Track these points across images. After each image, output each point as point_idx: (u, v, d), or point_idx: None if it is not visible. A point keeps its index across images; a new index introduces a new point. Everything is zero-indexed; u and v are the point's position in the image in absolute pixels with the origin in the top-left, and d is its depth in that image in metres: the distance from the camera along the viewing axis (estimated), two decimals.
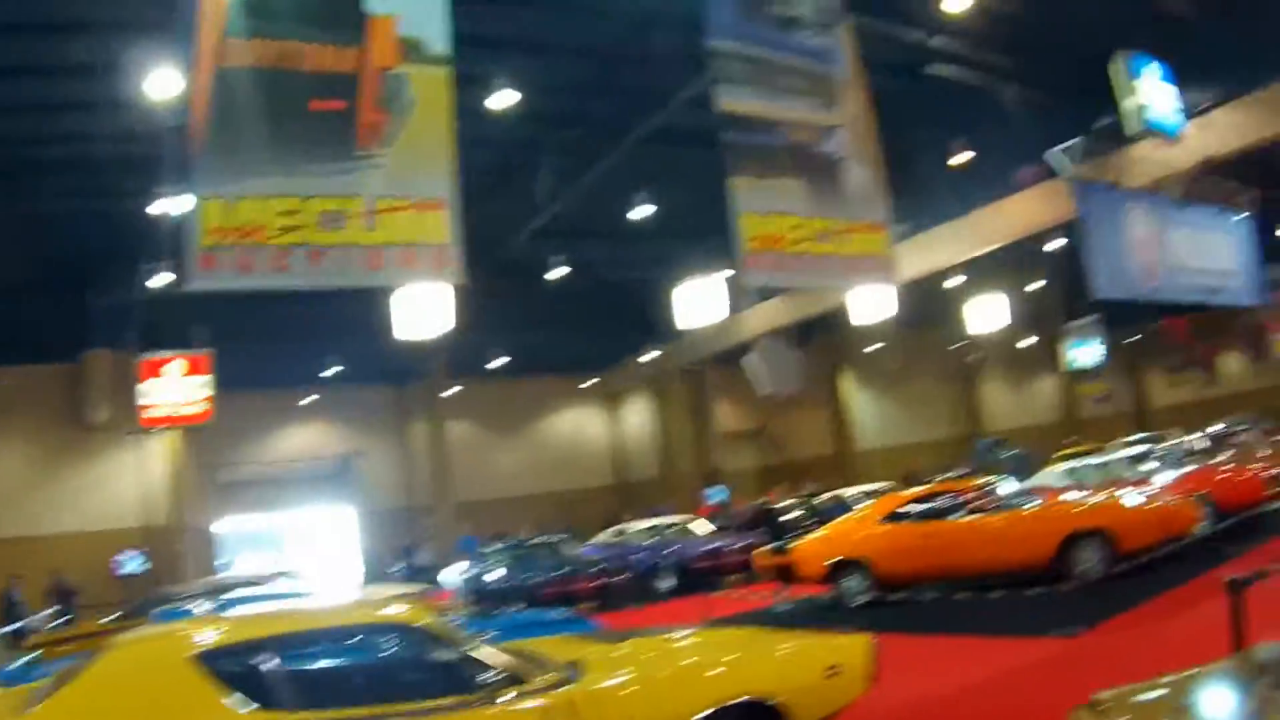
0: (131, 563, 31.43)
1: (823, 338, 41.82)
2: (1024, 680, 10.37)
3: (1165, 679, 4.67)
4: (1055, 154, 19.93)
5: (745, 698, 6.75)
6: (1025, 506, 16.45)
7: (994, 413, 55.48)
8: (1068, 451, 29.46)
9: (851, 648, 7.71)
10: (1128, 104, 19.49)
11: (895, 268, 13.93)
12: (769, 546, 19.39)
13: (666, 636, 8.44)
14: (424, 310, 11.88)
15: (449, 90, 10.75)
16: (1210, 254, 23.47)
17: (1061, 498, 17.54)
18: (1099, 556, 15.08)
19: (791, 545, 18.13)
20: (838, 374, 48.41)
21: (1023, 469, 28.37)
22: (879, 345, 44.48)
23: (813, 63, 13.12)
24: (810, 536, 18.43)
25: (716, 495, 38.75)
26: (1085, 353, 39.73)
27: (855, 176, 13.24)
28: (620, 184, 26.03)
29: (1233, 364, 61.25)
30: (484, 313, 28.42)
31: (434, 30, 10.67)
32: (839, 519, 19.38)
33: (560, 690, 6.32)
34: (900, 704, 9.26)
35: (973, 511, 16.41)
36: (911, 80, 21.34)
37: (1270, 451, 23.37)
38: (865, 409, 49.87)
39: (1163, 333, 55.48)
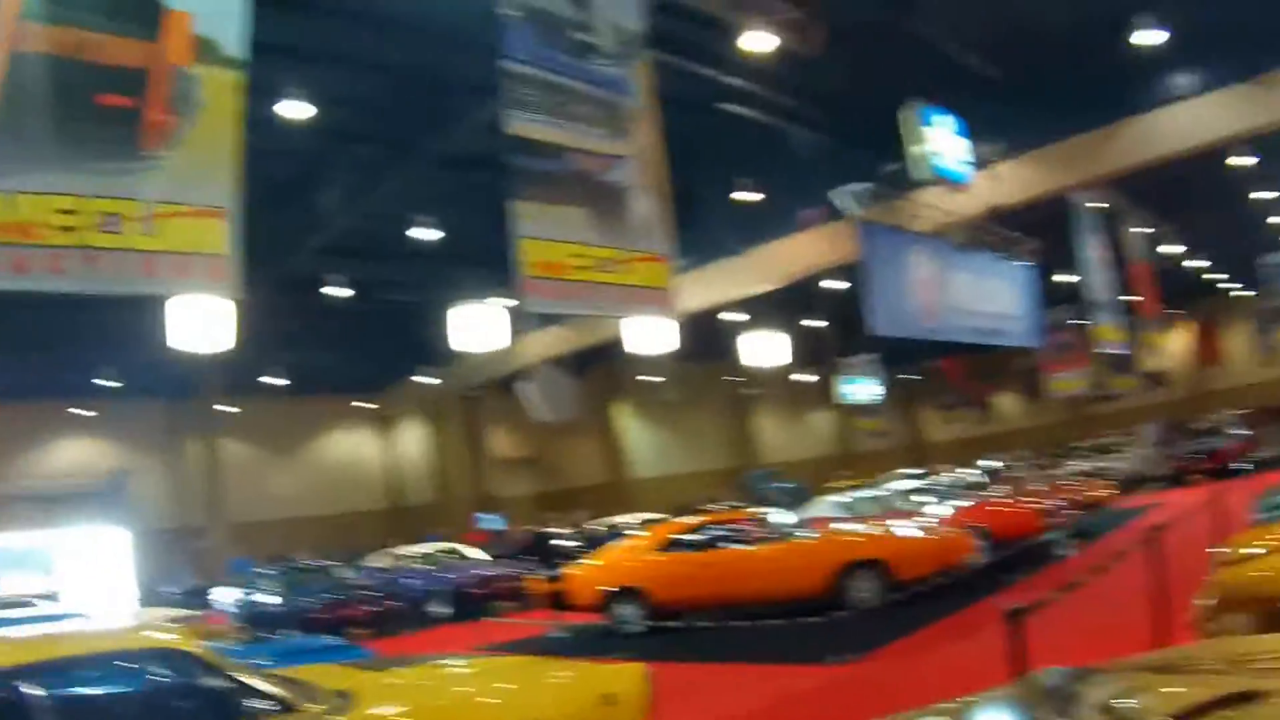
0: None
1: (600, 367, 41.92)
2: (800, 707, 10.57)
3: (947, 704, 4.82)
4: (842, 194, 20.57)
5: None
6: (802, 537, 16.87)
7: (770, 445, 57.03)
8: (837, 484, 30.38)
9: (626, 676, 7.65)
10: (916, 151, 20.25)
11: (674, 300, 14.11)
12: (543, 574, 19.42)
13: (440, 664, 8.30)
14: (201, 323, 11.46)
15: (239, 95, 10.36)
16: (990, 298, 24.72)
17: (839, 528, 18.07)
18: (875, 586, 15.61)
19: (566, 572, 18.16)
20: (614, 403, 48.92)
21: (794, 501, 29.05)
22: (657, 376, 45.00)
23: (606, 92, 13.18)
24: (584, 563, 18.54)
25: (490, 522, 38.54)
26: (861, 389, 41.07)
27: (641, 208, 13.35)
28: (407, 204, 25.79)
29: (1007, 403, 64.34)
30: (263, 329, 27.76)
31: (230, 32, 10.28)
32: (613, 546, 19.47)
33: None
34: None
35: (749, 541, 16.73)
36: (704, 116, 21.73)
37: (1043, 486, 24.68)
38: (641, 438, 50.46)
39: (939, 372, 57.86)
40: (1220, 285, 55.39)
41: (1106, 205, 29.13)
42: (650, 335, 27.23)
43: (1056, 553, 19.49)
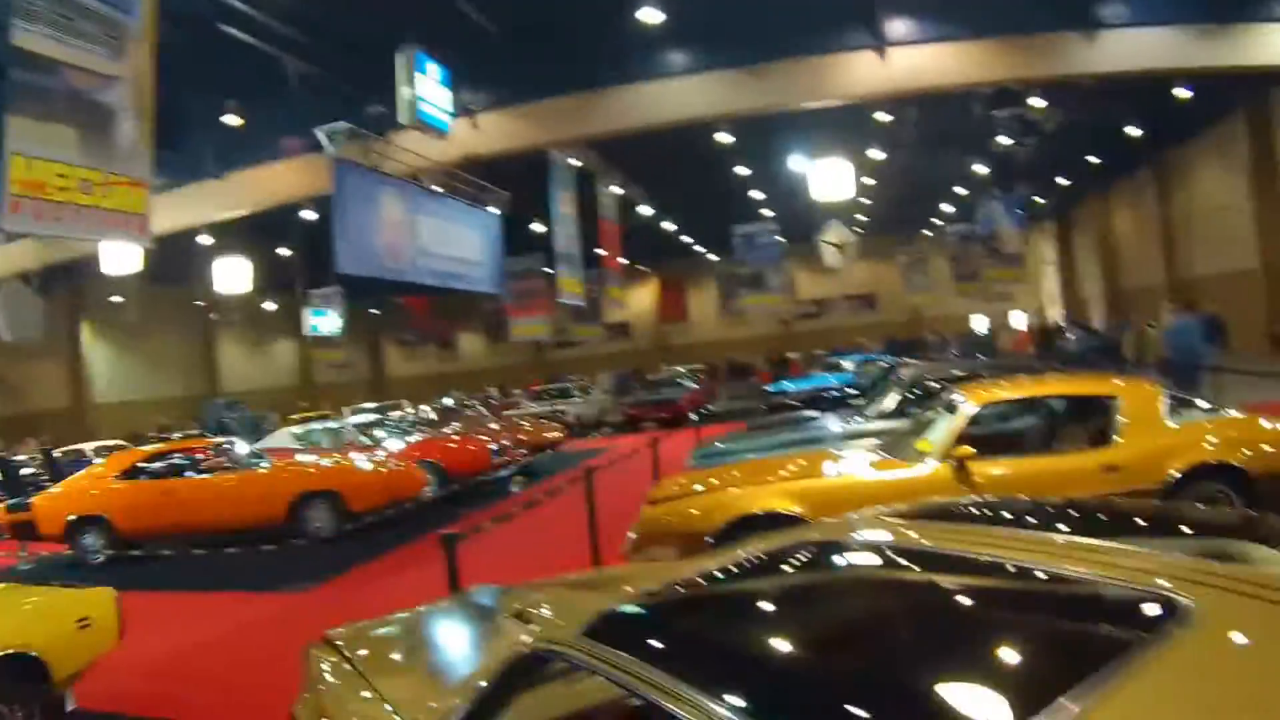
0: None
1: (66, 285, 40.35)
2: (261, 631, 11.21)
3: (393, 615, 5.81)
4: (323, 131, 20.86)
5: (7, 650, 7.01)
6: (259, 467, 17.52)
7: (235, 373, 56.67)
8: (300, 415, 30.89)
9: (98, 600, 8.15)
10: (404, 96, 20.79)
11: (149, 227, 14.30)
12: (7, 502, 18.89)
13: None
14: None
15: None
16: (455, 243, 25.72)
17: (295, 460, 18.76)
18: (330, 516, 16.56)
19: (31, 502, 17.84)
20: (79, 324, 46.75)
21: (254, 431, 29.29)
22: (124, 298, 43.64)
23: (110, 9, 13.16)
24: (49, 492, 18.28)
25: None
26: (325, 321, 41.45)
27: (127, 131, 13.39)
28: None
29: (472, 342, 66.45)
30: None
31: None
32: (77, 475, 19.14)
33: None
34: (145, 658, 9.75)
35: (209, 470, 17.28)
36: (199, 31, 21.49)
37: (497, 426, 26.15)
38: (105, 362, 48.70)
39: (404, 308, 59.00)
40: (694, 249, 59.69)
41: (583, 164, 31.14)
42: (121, 255, 27.03)
43: (509, 489, 20.96)
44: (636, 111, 27.58)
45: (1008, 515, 3.74)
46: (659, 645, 3.00)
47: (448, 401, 39.61)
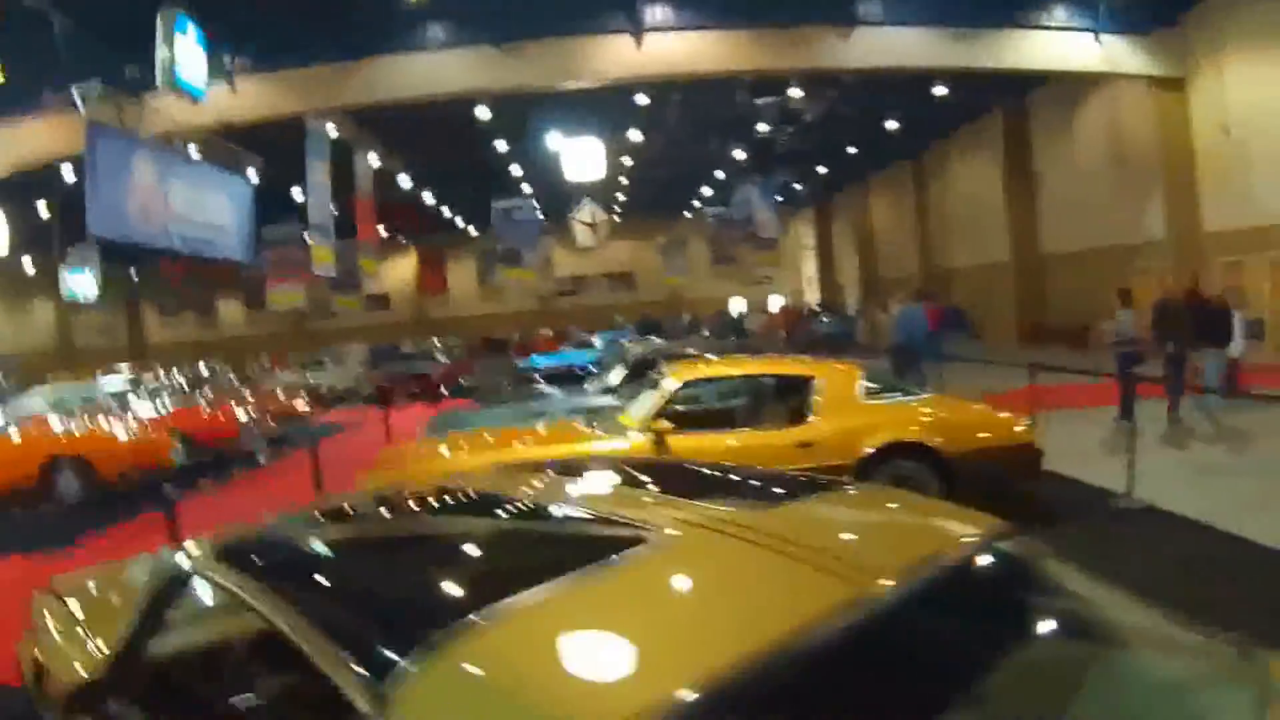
0: None
1: None
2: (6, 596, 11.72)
3: (111, 564, 6.57)
4: (77, 90, 20.95)
5: None
6: (8, 432, 18.00)
7: None
8: (55, 381, 30.79)
9: None
10: (162, 58, 20.73)
11: None
12: None
13: None
14: None
15: None
16: (206, 209, 25.98)
17: (43, 425, 19.17)
18: (79, 481, 17.05)
19: None
20: None
21: (5, 395, 29.12)
22: None
23: None
24: None
25: None
26: (82, 280, 40.97)
27: None
28: None
29: (232, 310, 65.75)
30: None
31: None
32: None
33: None
34: None
35: None
36: None
37: (245, 395, 26.67)
38: None
39: (161, 273, 58.23)
40: (456, 223, 60.16)
41: (339, 134, 31.50)
42: None
43: (256, 458, 21.55)
44: (394, 82, 28.12)
45: (618, 474, 4.44)
46: (268, 565, 3.51)
47: (203, 370, 39.56)
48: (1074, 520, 10.31)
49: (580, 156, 35.24)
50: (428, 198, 50.65)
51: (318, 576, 3.46)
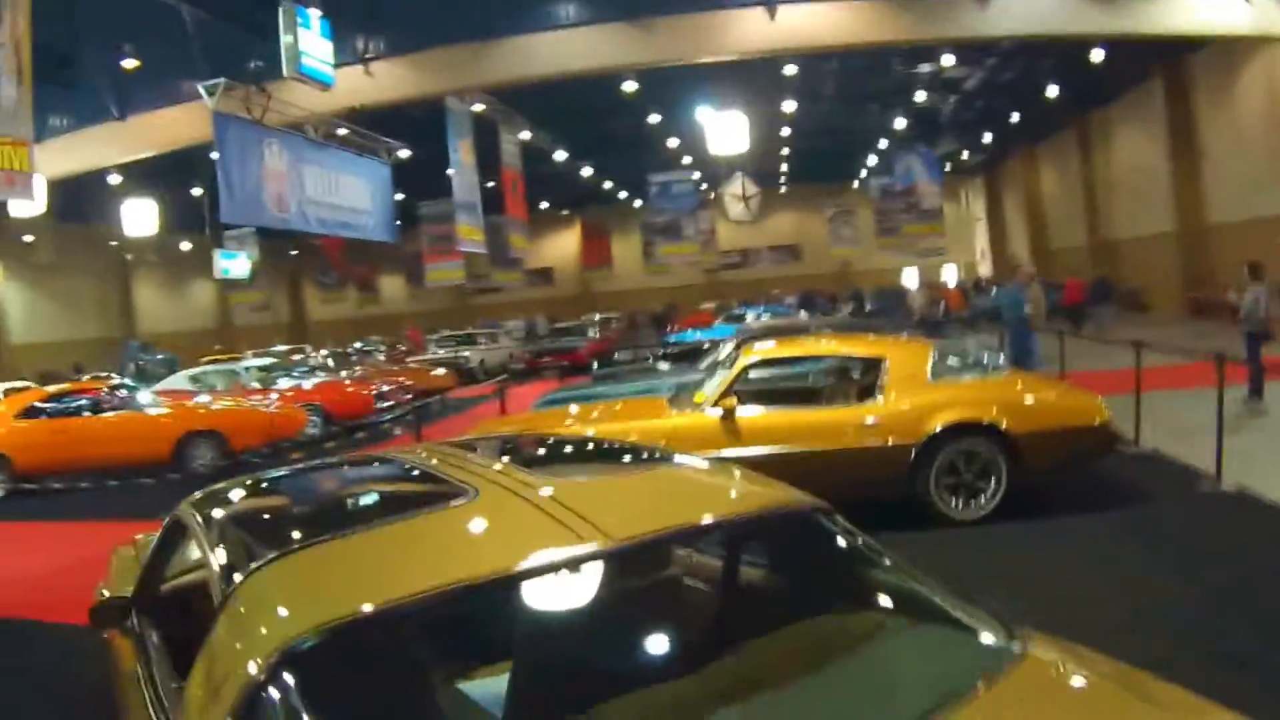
0: None
1: None
2: None
3: None
4: (203, 86, 21.84)
5: None
6: (149, 408, 19.48)
7: (151, 314, 57.92)
8: (211, 358, 32.37)
9: None
10: (287, 47, 21.65)
11: (34, 182, 15.94)
12: None
13: None
14: None
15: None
16: (344, 192, 27.12)
17: (182, 401, 20.73)
18: (211, 454, 18.42)
19: None
20: None
21: (168, 372, 30.65)
22: (34, 238, 45.10)
23: None
24: None
25: None
26: (235, 264, 42.56)
27: (7, 93, 15.10)
28: None
29: (394, 286, 67.30)
30: None
31: None
32: None
33: None
34: (23, 575, 11.44)
35: (102, 410, 19.13)
36: None
37: (396, 369, 27.70)
38: (21, 303, 50.14)
39: (322, 250, 59.92)
40: (618, 196, 61.11)
41: (482, 110, 32.64)
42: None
43: (392, 432, 22.38)
44: (529, 61, 29.06)
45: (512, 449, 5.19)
46: (206, 512, 4.30)
47: (356, 345, 40.93)
48: (1149, 501, 10.50)
49: (725, 130, 35.35)
50: (586, 171, 51.40)
51: (226, 516, 4.35)
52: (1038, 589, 7.52)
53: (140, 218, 39.02)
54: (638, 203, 60.78)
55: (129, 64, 27.51)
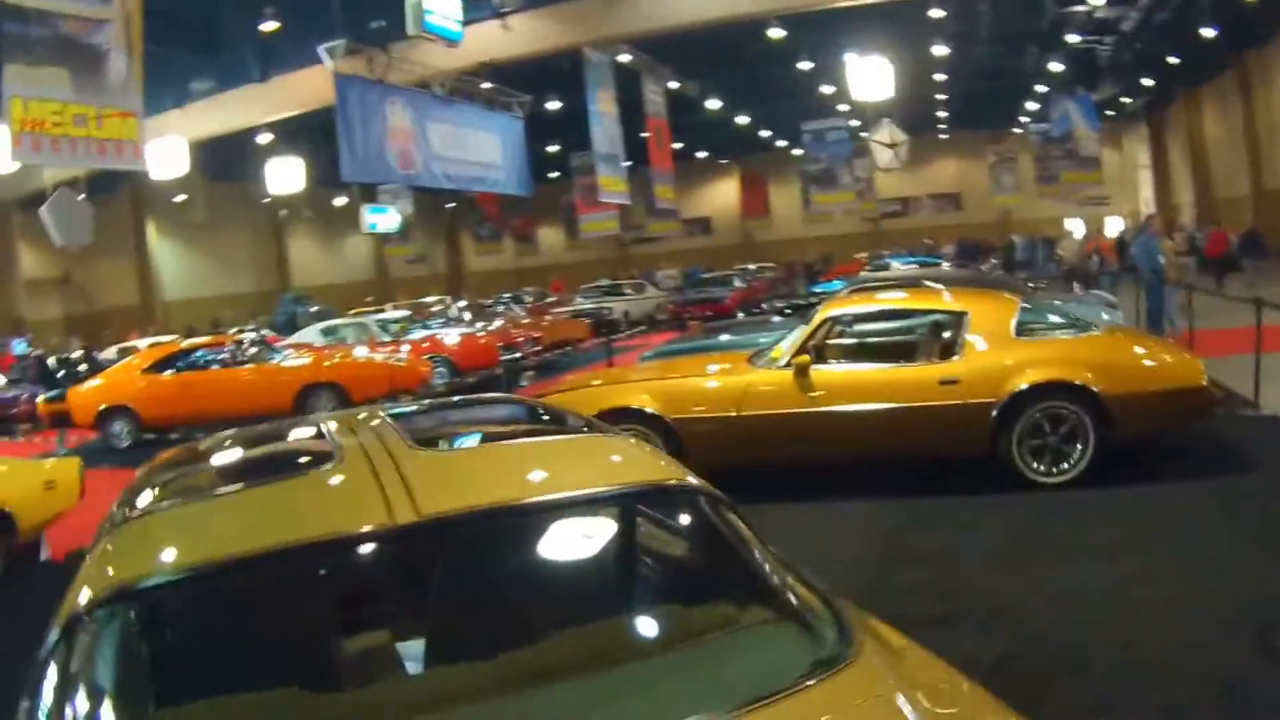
0: None
1: (129, 188, 42.77)
2: None
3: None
4: (323, 48, 22.56)
5: None
6: (272, 360, 20.15)
7: (305, 269, 59.28)
8: (356, 311, 33.15)
9: (64, 468, 10.72)
10: (412, 7, 21.83)
11: (143, 151, 16.83)
12: (48, 394, 21.58)
13: None
14: None
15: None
16: (473, 147, 27.58)
17: (305, 353, 21.44)
18: (333, 405, 18.71)
19: (68, 393, 20.57)
20: (144, 223, 49.87)
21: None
22: (190, 196, 46.37)
23: None
24: (85, 385, 21.01)
25: (19, 346, 38.73)
26: (384, 219, 43.22)
27: (118, 67, 15.92)
28: None
29: (551, 237, 67.81)
30: None
31: None
32: (110, 369, 22.13)
33: None
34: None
35: (227, 364, 19.88)
36: None
37: (529, 321, 28.06)
38: (173, 260, 51.83)
39: (475, 204, 60.64)
40: (777, 144, 60.53)
41: (627, 60, 32.56)
42: (165, 159, 29.65)
43: (515, 383, 22.46)
44: (665, 10, 29.10)
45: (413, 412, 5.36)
46: (137, 477, 4.53)
47: (505, 296, 41.40)
48: (1255, 470, 9.94)
49: (869, 75, 34.80)
50: (742, 119, 51.24)
51: (137, 480, 4.47)
52: (1116, 565, 7.35)
53: (285, 175, 39.78)
54: (797, 151, 58.67)
55: (267, 27, 27.99)
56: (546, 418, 5.20)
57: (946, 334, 10.80)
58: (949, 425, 9.87)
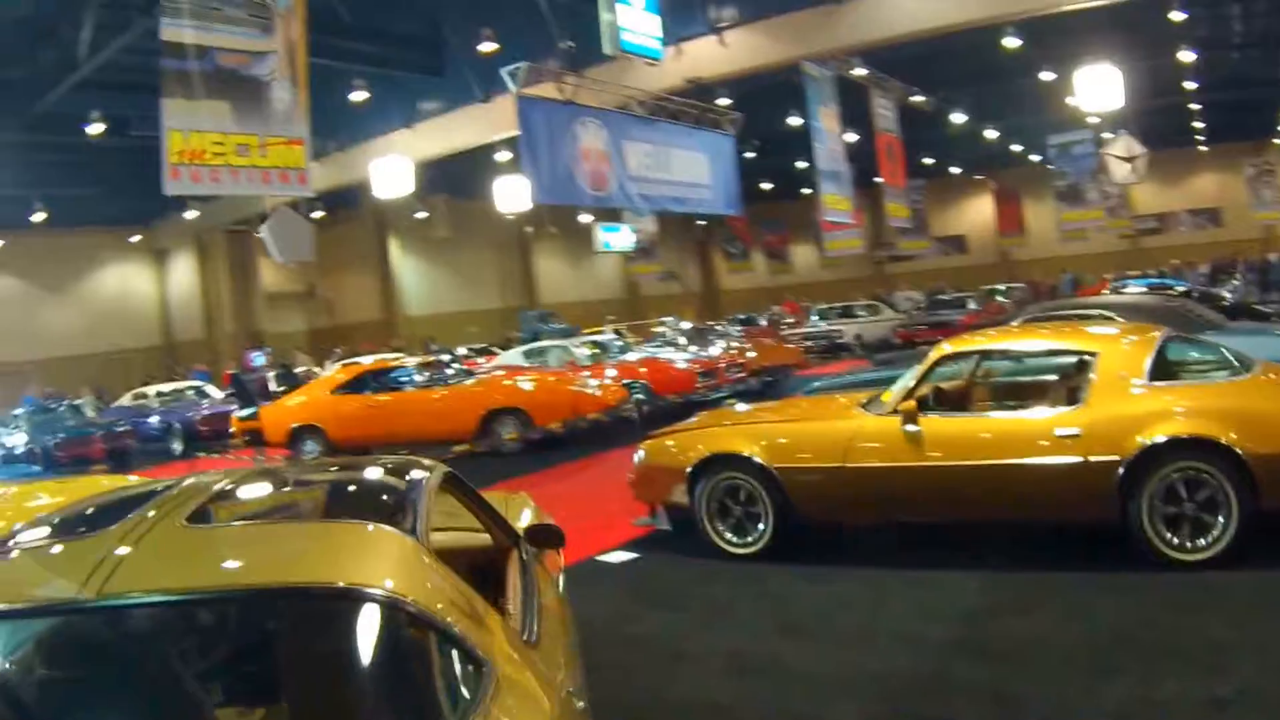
0: None
1: (371, 204, 43.55)
2: None
3: None
4: (506, 72, 22.73)
5: None
6: (459, 384, 20.49)
7: (551, 286, 59.84)
8: (591, 330, 33.61)
9: None
10: (606, 25, 21.55)
11: (308, 177, 17.46)
12: (244, 412, 22.57)
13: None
14: None
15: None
16: (676, 167, 27.50)
17: (493, 377, 22.06)
18: (517, 430, 19.27)
19: (260, 411, 21.46)
20: (386, 240, 51.41)
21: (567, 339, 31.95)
22: (433, 214, 47.92)
23: None
24: (278, 404, 21.82)
25: (258, 358, 40.45)
26: (617, 237, 43.54)
27: (282, 96, 16.53)
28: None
29: (805, 255, 67.50)
30: (24, 165, 29.53)
31: None
32: (303, 388, 23.04)
33: None
34: None
35: (414, 386, 20.36)
36: None
37: (745, 345, 27.93)
38: (416, 275, 53.17)
39: (724, 222, 60.65)
40: (1030, 158, 58.45)
41: (856, 74, 32.15)
42: (390, 179, 31.05)
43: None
44: (889, 19, 27.95)
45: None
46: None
47: (739, 317, 41.24)
48: None
49: (1093, 84, 33.13)
50: (991, 133, 49.84)
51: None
52: (1224, 677, 6.14)
53: (513, 195, 39.68)
54: (1051, 166, 56.05)
55: (487, 48, 28.57)
56: (355, 493, 5.01)
57: (1071, 378, 9.65)
58: (1066, 485, 8.48)
